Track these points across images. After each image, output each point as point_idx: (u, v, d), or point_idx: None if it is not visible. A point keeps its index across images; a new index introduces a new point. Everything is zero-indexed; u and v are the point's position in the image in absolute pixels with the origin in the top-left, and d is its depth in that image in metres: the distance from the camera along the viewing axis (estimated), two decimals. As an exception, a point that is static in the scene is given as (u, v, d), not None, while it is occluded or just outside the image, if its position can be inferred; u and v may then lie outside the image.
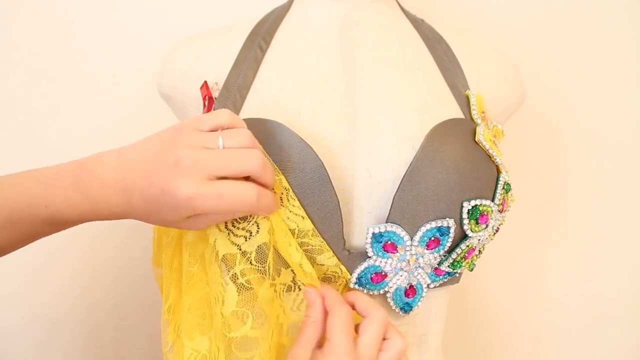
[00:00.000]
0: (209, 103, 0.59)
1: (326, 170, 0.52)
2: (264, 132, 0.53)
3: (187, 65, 0.64)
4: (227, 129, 0.47)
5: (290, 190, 0.51)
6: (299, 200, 0.51)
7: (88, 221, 0.47)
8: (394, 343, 0.50)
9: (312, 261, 0.52)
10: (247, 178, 0.46)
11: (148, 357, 0.99)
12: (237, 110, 0.58)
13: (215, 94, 0.59)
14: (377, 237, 0.52)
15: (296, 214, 0.51)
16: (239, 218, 0.49)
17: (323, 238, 0.52)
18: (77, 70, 0.93)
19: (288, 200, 0.51)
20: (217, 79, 0.61)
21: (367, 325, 0.50)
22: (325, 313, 0.50)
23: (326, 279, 0.54)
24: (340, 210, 0.52)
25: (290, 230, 0.51)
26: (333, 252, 0.52)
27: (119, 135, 0.95)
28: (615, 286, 1.03)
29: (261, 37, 0.63)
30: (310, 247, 0.52)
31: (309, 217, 0.51)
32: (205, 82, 0.60)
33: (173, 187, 0.42)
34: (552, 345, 1.04)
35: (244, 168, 0.45)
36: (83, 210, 0.46)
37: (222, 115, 0.47)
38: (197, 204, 0.43)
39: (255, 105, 0.58)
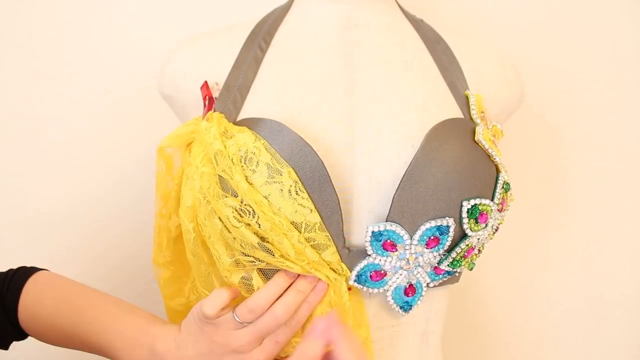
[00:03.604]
0: (209, 103, 0.59)
1: (326, 170, 0.52)
2: (265, 132, 0.53)
3: (187, 65, 0.64)
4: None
5: (299, 182, 0.51)
6: (308, 193, 0.51)
7: None
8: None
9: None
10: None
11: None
12: (237, 110, 0.58)
13: (215, 94, 0.60)
14: (376, 236, 0.52)
15: (304, 207, 0.51)
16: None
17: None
18: (78, 70, 0.93)
19: (297, 193, 0.51)
20: (218, 79, 0.61)
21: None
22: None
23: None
24: (340, 209, 0.53)
25: (296, 224, 0.51)
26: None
27: (120, 135, 0.95)
28: (615, 286, 1.03)
29: (261, 37, 0.63)
30: (315, 242, 0.52)
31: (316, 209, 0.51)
32: (206, 82, 0.60)
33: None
34: (552, 344, 1.04)
35: (278, 326, 0.54)
36: None
37: (209, 313, 0.54)
38: (269, 359, 0.54)
39: (255, 105, 0.58)
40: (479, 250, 0.58)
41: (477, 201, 0.53)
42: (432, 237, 0.53)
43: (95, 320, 0.59)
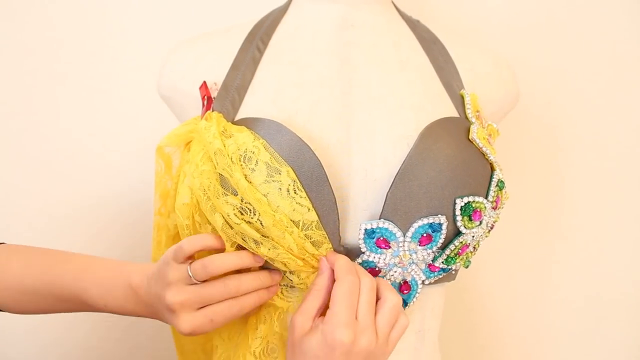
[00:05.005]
0: (208, 103, 0.60)
1: (324, 170, 0.52)
2: (263, 132, 0.54)
3: (186, 66, 0.65)
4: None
5: (298, 181, 0.52)
6: (305, 192, 0.52)
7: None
8: (386, 300, 0.51)
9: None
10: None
11: (148, 356, 1.00)
12: (235, 109, 0.59)
13: (214, 94, 0.60)
14: (369, 233, 0.53)
15: (302, 205, 0.52)
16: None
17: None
18: (77, 71, 0.94)
19: (295, 192, 0.52)
20: (216, 80, 0.62)
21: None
22: (332, 282, 0.51)
23: None
24: (337, 208, 0.53)
25: (294, 222, 0.52)
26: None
27: (119, 135, 0.96)
28: (615, 286, 1.02)
29: (259, 38, 0.64)
30: (312, 240, 0.53)
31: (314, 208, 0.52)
32: (205, 82, 0.61)
33: (176, 326, 0.53)
34: (551, 344, 1.04)
35: (221, 297, 0.53)
36: (130, 313, 0.58)
37: (185, 248, 0.53)
38: (197, 332, 0.53)
39: (253, 105, 0.59)
40: (474, 248, 0.58)
41: (471, 199, 0.54)
42: (424, 235, 0.53)
43: (67, 273, 0.58)
